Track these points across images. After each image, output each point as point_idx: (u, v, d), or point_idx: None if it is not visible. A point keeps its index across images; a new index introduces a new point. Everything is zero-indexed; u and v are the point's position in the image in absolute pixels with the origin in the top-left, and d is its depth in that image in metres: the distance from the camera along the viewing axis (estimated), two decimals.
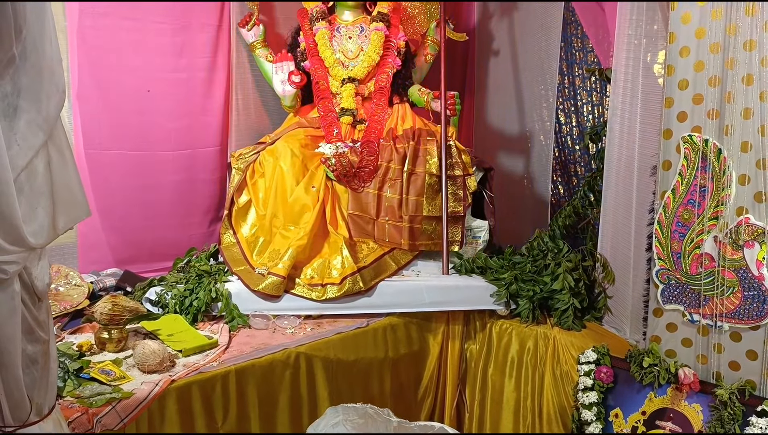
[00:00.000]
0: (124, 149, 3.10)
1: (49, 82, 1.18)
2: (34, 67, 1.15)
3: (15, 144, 1.13)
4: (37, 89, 1.16)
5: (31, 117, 1.15)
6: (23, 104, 1.14)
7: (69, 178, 1.24)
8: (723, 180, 1.92)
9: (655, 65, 2.57)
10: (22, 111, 1.14)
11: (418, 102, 3.31)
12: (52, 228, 1.20)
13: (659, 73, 2.46)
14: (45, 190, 1.18)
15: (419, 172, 2.95)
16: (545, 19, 3.43)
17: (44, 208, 1.18)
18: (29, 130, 1.15)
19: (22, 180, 1.15)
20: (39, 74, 1.16)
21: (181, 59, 3.20)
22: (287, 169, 2.95)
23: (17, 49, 1.14)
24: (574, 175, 3.71)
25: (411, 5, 3.45)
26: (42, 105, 1.16)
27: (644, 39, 2.50)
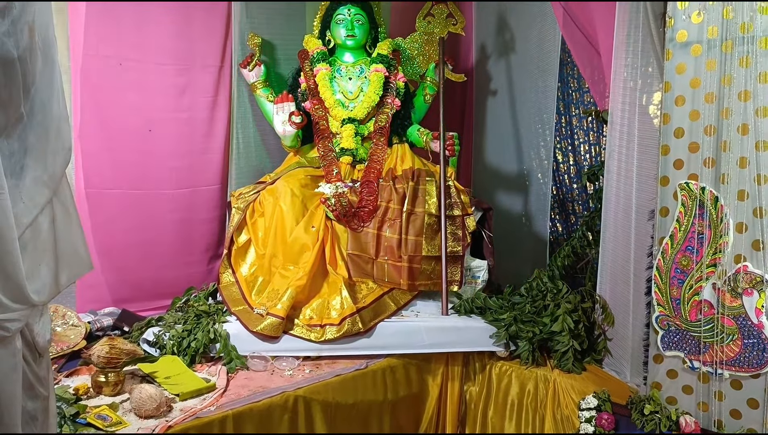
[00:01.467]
0: (124, 188, 3.12)
1: (56, 140, 1.19)
2: (41, 125, 1.17)
3: (20, 201, 1.14)
4: (43, 147, 1.17)
5: (37, 174, 1.17)
6: (30, 162, 1.16)
7: (73, 234, 1.25)
8: (720, 227, 1.94)
9: (650, 106, 2.60)
10: (29, 169, 1.16)
11: (418, 142, 3.35)
12: (55, 284, 1.21)
13: (655, 114, 2.49)
14: (49, 247, 1.19)
15: (418, 212, 2.97)
16: (542, 62, 3.48)
17: (47, 265, 1.19)
18: (35, 187, 1.16)
19: (27, 237, 1.15)
20: (46, 132, 1.18)
21: (182, 99, 3.24)
22: (287, 209, 2.97)
23: (25, 108, 1.15)
24: (572, 214, 3.73)
25: (410, 46, 3.51)
26: (48, 163, 1.18)
27: (639, 81, 2.54)
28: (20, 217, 1.13)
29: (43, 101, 1.17)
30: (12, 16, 1.12)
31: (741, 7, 1.85)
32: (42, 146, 1.17)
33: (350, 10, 3.30)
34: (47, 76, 1.17)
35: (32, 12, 1.15)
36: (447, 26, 3.29)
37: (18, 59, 1.14)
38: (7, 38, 1.12)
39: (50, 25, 1.20)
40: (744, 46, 1.86)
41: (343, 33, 3.31)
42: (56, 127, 1.19)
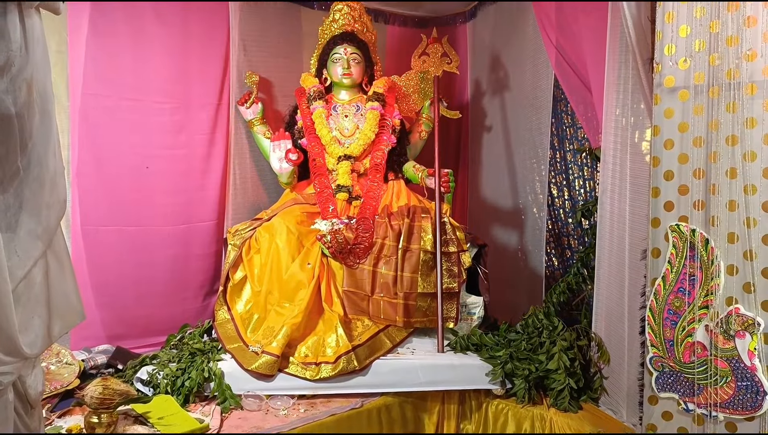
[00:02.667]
0: (120, 225, 3.13)
1: (51, 193, 1.21)
2: (37, 179, 1.19)
3: (15, 255, 1.15)
4: (38, 201, 1.19)
5: (31, 228, 1.18)
6: (24, 216, 1.17)
7: (66, 285, 1.26)
8: (712, 269, 1.95)
9: (643, 143, 2.63)
10: (23, 222, 1.17)
11: (413, 178, 3.38)
12: (48, 337, 1.21)
13: (647, 150, 2.51)
14: (42, 299, 1.20)
15: (414, 249, 2.98)
16: (536, 99, 3.53)
17: (40, 317, 1.20)
18: (29, 241, 1.17)
19: (20, 290, 1.16)
20: (41, 186, 1.19)
21: (180, 136, 3.28)
22: (283, 246, 2.98)
23: (22, 163, 1.17)
24: (568, 248, 3.74)
25: (406, 84, 3.56)
26: (43, 216, 1.19)
27: (632, 118, 2.57)
28: (14, 270, 1.14)
29: (40, 156, 1.19)
30: (11, 73, 1.14)
31: (727, 55, 1.90)
32: (37, 200, 1.19)
33: (347, 49, 3.36)
34: (44, 130, 1.20)
35: (31, 68, 1.18)
36: (442, 65, 3.35)
37: (16, 115, 1.16)
38: (5, 95, 1.14)
39: (48, 80, 1.23)
40: (731, 92, 1.89)
41: (339, 71, 3.36)
42: (52, 180, 1.21)
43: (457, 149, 4.11)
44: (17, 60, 1.15)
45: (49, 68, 1.24)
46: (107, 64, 3.02)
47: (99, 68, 3.00)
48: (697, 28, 1.97)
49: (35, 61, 1.18)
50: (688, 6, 1.97)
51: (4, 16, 1.14)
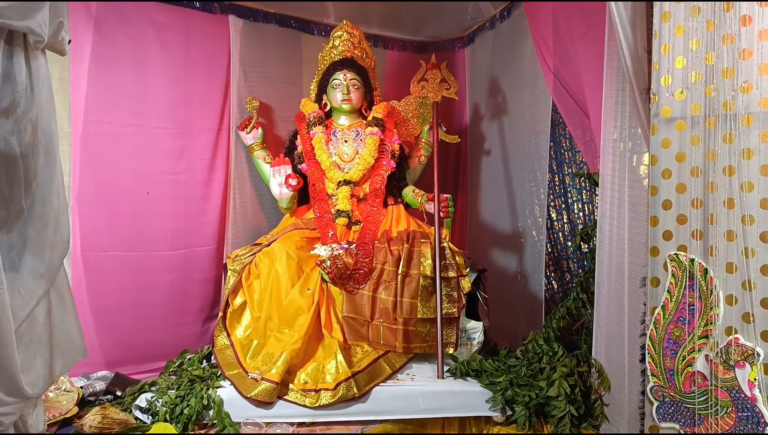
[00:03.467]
0: (120, 250, 3.14)
1: (54, 232, 1.22)
2: (41, 218, 1.20)
3: (18, 295, 1.16)
4: (42, 240, 1.20)
5: (34, 267, 1.19)
6: (28, 256, 1.18)
7: (68, 323, 1.26)
8: (711, 299, 1.96)
9: (641, 167, 2.64)
10: (27, 262, 1.18)
11: (413, 203, 3.39)
12: (49, 376, 1.21)
13: (645, 174, 2.53)
14: (44, 339, 1.20)
15: (413, 274, 2.98)
16: (534, 124, 3.55)
17: (42, 357, 1.20)
18: (32, 280, 1.18)
19: (23, 330, 1.17)
20: (45, 226, 1.20)
21: (180, 161, 3.30)
22: (282, 272, 2.98)
23: (26, 203, 1.18)
24: (567, 271, 3.74)
25: (405, 109, 3.59)
26: (46, 255, 1.20)
27: (629, 142, 2.58)
28: (17, 310, 1.15)
29: (44, 195, 1.20)
30: (16, 114, 1.16)
31: (722, 86, 1.92)
32: (41, 239, 1.20)
33: (346, 75, 3.39)
34: (49, 170, 1.21)
35: (36, 109, 1.20)
36: (441, 90, 3.37)
37: (21, 156, 1.17)
38: (10, 136, 1.15)
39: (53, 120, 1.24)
40: (727, 123, 1.91)
41: (339, 97, 3.39)
42: (55, 219, 1.22)
43: (456, 173, 4.13)
44: (23, 101, 1.16)
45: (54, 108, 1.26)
46: (109, 91, 3.05)
47: (101, 95, 3.03)
48: (692, 60, 1.99)
49: (40, 102, 1.19)
50: (684, 38, 2.00)
51: (10, 58, 1.16)
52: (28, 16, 1.13)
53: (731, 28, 1.90)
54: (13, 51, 1.15)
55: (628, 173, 2.59)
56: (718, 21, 1.93)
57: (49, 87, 1.25)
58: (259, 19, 3.53)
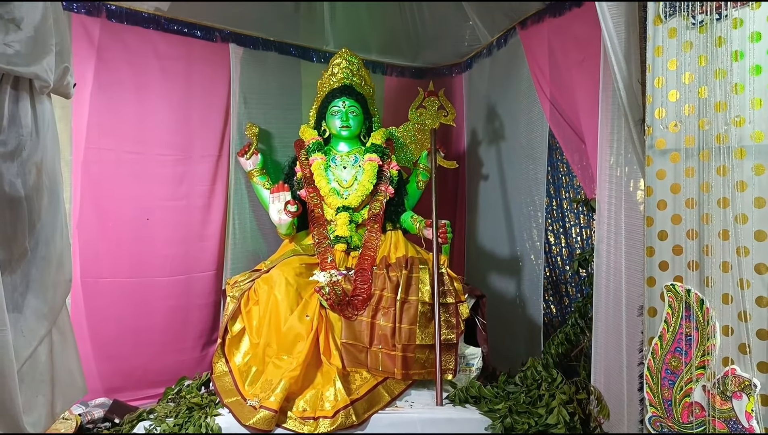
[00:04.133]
0: (120, 277, 3.15)
1: (57, 272, 1.23)
2: (44, 259, 1.21)
3: (21, 335, 1.17)
4: (45, 280, 1.21)
5: (37, 307, 1.20)
6: (31, 296, 1.20)
7: (69, 362, 1.27)
8: (707, 330, 1.97)
9: (638, 192, 2.67)
10: (30, 302, 1.19)
11: (411, 229, 3.41)
12: (50, 415, 1.22)
13: (642, 199, 2.54)
14: (46, 378, 1.21)
15: (412, 300, 2.99)
16: (531, 149, 3.58)
17: (44, 396, 1.21)
18: (35, 320, 1.19)
19: (25, 370, 1.18)
20: (48, 266, 1.22)
21: (180, 187, 3.32)
22: (281, 298, 2.99)
23: (30, 244, 1.20)
24: (566, 296, 3.75)
25: (403, 135, 3.62)
26: (48, 295, 1.21)
27: (626, 167, 2.60)
28: (20, 350, 1.16)
29: (47, 236, 1.22)
30: (22, 158, 1.18)
31: (716, 120, 1.95)
32: (44, 279, 1.21)
33: (345, 102, 3.43)
34: (52, 211, 1.23)
35: (41, 152, 1.22)
36: (438, 117, 3.41)
37: (25, 198, 1.19)
38: (15, 179, 1.17)
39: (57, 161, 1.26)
40: (720, 156, 1.93)
41: (338, 124, 3.42)
42: (58, 259, 1.24)
43: (454, 197, 4.15)
44: (28, 144, 1.19)
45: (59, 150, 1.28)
46: (111, 118, 3.08)
47: (102, 122, 3.06)
48: (686, 94, 2.02)
49: (45, 144, 1.22)
50: (677, 72, 2.03)
51: (16, 103, 1.18)
52: (34, 62, 1.16)
53: (723, 63, 1.93)
54: (19, 96, 1.18)
55: (625, 201, 2.61)
56: (710, 56, 1.97)
57: (54, 130, 1.27)
58: (259, 47, 3.57)
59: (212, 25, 3.40)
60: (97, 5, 3.01)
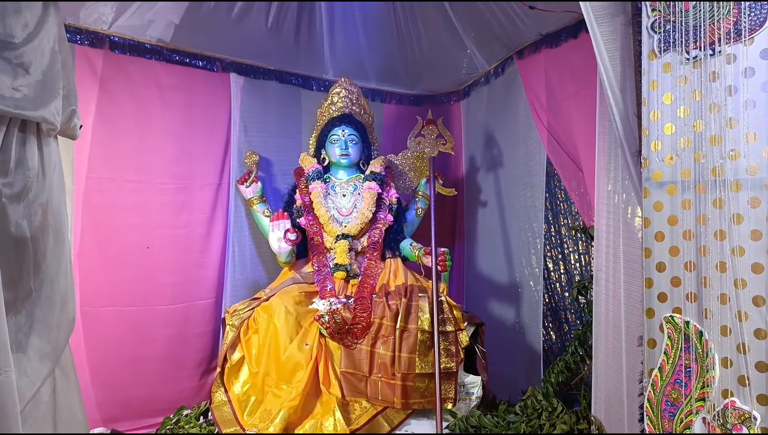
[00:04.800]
0: (119, 305, 3.15)
1: (61, 312, 1.24)
2: (48, 299, 1.22)
3: (24, 375, 1.17)
4: (49, 320, 1.22)
5: (41, 347, 1.21)
6: (34, 337, 1.20)
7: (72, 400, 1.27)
8: (707, 362, 1.97)
9: (636, 219, 2.69)
10: (33, 343, 1.20)
11: (410, 256, 3.42)
12: None
13: (640, 225, 2.56)
14: (48, 417, 1.21)
15: (411, 328, 2.99)
16: (530, 177, 3.61)
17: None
18: (38, 360, 1.20)
19: (28, 411, 1.18)
20: (52, 306, 1.23)
21: (181, 216, 3.33)
22: (281, 327, 2.99)
23: (35, 284, 1.21)
24: (565, 322, 3.76)
25: (402, 163, 3.65)
26: (52, 335, 1.22)
27: (623, 194, 2.62)
28: (23, 391, 1.16)
29: (52, 276, 1.23)
30: (28, 199, 1.19)
31: (711, 153, 1.97)
32: (48, 319, 1.22)
33: (344, 130, 3.46)
34: (57, 251, 1.24)
35: (47, 193, 1.23)
36: (437, 146, 3.44)
37: (31, 238, 1.20)
38: (21, 220, 1.19)
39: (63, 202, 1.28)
40: (716, 189, 1.95)
41: (337, 152, 3.45)
42: (62, 299, 1.25)
43: (452, 223, 4.17)
44: (34, 186, 1.20)
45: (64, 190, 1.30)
46: (112, 148, 3.11)
47: (104, 152, 3.08)
48: (681, 127, 2.05)
49: (51, 185, 1.23)
50: (672, 106, 2.06)
51: (23, 145, 1.20)
52: (42, 106, 1.18)
53: (717, 97, 1.96)
54: (26, 138, 1.20)
55: (623, 229, 2.63)
56: (705, 90, 2.00)
57: (60, 170, 1.29)
58: (259, 76, 3.62)
59: (213, 55, 3.45)
60: (101, 37, 3.05)
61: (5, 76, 1.16)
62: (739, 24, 1.91)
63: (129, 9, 3.00)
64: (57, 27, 1.28)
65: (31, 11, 1.21)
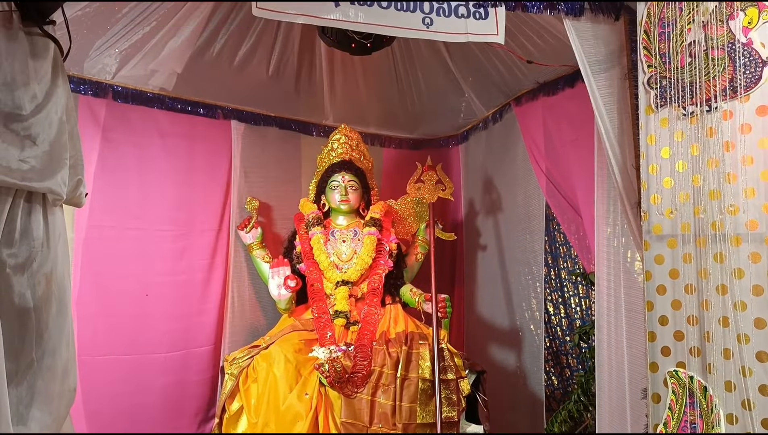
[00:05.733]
0: (117, 354, 3.12)
1: (62, 383, 1.23)
2: (50, 369, 1.22)
3: None
4: (50, 391, 1.21)
5: (42, 418, 1.19)
6: (35, 408, 1.19)
7: None
8: (712, 418, 1.96)
9: (636, 262, 2.69)
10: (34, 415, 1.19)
11: (410, 302, 3.41)
12: None
13: (640, 269, 2.55)
14: None
15: (412, 377, 2.96)
16: (528, 221, 3.62)
17: None
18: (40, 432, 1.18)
19: None
20: (54, 377, 1.22)
21: (180, 262, 3.33)
22: (280, 376, 2.95)
23: (36, 354, 1.20)
24: (567, 367, 3.73)
25: (402, 208, 3.67)
26: (53, 406, 1.21)
27: (623, 238, 2.63)
28: None
29: (54, 346, 1.22)
30: (32, 269, 1.19)
31: (710, 208, 1.99)
32: (49, 390, 1.21)
33: (344, 176, 3.49)
34: (60, 321, 1.23)
35: (51, 263, 1.23)
36: (436, 191, 3.46)
37: (34, 308, 1.20)
38: (25, 290, 1.19)
39: (66, 272, 1.28)
40: (717, 243, 1.97)
41: (337, 198, 3.47)
42: (64, 369, 1.24)
43: (452, 267, 4.17)
44: (39, 256, 1.20)
45: (68, 260, 1.30)
46: (113, 197, 3.12)
47: (105, 201, 3.09)
48: (680, 182, 2.07)
49: (56, 255, 1.24)
50: (671, 160, 2.09)
51: (28, 215, 1.21)
52: (49, 177, 1.19)
53: (715, 153, 1.99)
54: (32, 208, 1.20)
55: (624, 277, 2.63)
56: (703, 145, 2.03)
57: (65, 239, 1.29)
58: (260, 123, 3.65)
59: (215, 103, 3.49)
60: (104, 87, 3.09)
61: (13, 148, 1.17)
62: (735, 81, 1.95)
63: (132, 59, 3.04)
64: (65, 97, 1.30)
65: (40, 83, 1.23)
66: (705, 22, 2.00)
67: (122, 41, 2.90)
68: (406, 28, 2.20)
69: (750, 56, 1.92)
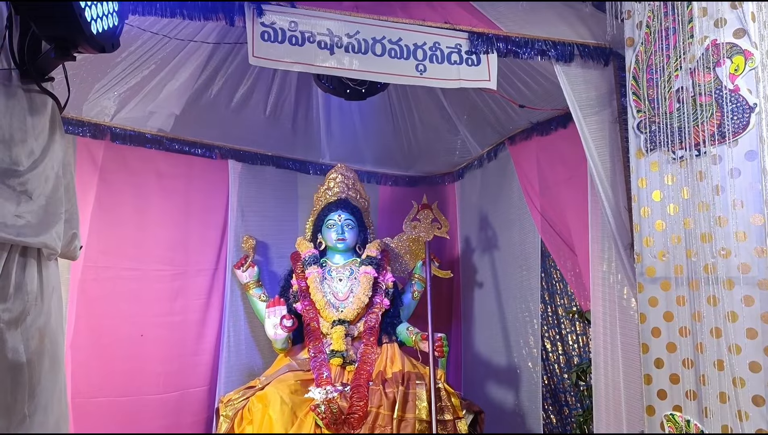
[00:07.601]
0: (111, 396, 3.09)
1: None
2: (42, 425, 1.21)
3: None
4: None
5: None
6: None
7: None
8: None
9: (632, 299, 2.68)
10: None
11: (407, 341, 3.39)
12: None
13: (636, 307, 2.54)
14: None
15: (409, 418, 2.93)
16: (524, 258, 3.63)
17: None
18: None
19: None
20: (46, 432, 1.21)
21: (176, 302, 3.32)
22: (276, 418, 2.92)
23: (29, 410, 1.20)
24: (565, 405, 3.69)
25: (398, 246, 3.68)
26: None
27: (618, 274, 2.63)
28: None
29: (46, 402, 1.22)
30: (25, 323, 1.20)
31: (702, 251, 2.00)
32: None
33: (341, 215, 3.51)
34: (52, 377, 1.23)
35: (44, 317, 1.24)
36: (432, 230, 3.48)
37: (27, 363, 1.20)
38: (18, 344, 1.19)
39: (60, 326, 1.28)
40: (710, 286, 1.98)
41: (333, 237, 3.48)
42: (55, 425, 1.23)
43: (449, 305, 4.16)
44: (33, 310, 1.21)
45: (62, 314, 1.30)
46: (110, 237, 3.13)
47: (102, 241, 3.10)
48: (671, 224, 2.09)
49: (49, 309, 1.24)
50: (662, 204, 2.11)
51: (23, 270, 1.21)
52: (44, 232, 1.20)
53: (705, 196, 2.01)
54: (26, 262, 1.21)
55: (619, 316, 2.62)
56: (693, 189, 2.05)
57: (59, 292, 1.30)
58: (257, 162, 3.69)
59: (212, 143, 3.52)
60: (102, 129, 3.12)
61: (9, 204, 1.19)
62: (723, 126, 1.98)
63: (131, 101, 3.08)
64: (62, 152, 1.32)
65: (38, 139, 1.25)
66: (692, 69, 2.04)
67: (121, 84, 2.95)
68: (400, 74, 2.24)
69: (737, 102, 1.96)
